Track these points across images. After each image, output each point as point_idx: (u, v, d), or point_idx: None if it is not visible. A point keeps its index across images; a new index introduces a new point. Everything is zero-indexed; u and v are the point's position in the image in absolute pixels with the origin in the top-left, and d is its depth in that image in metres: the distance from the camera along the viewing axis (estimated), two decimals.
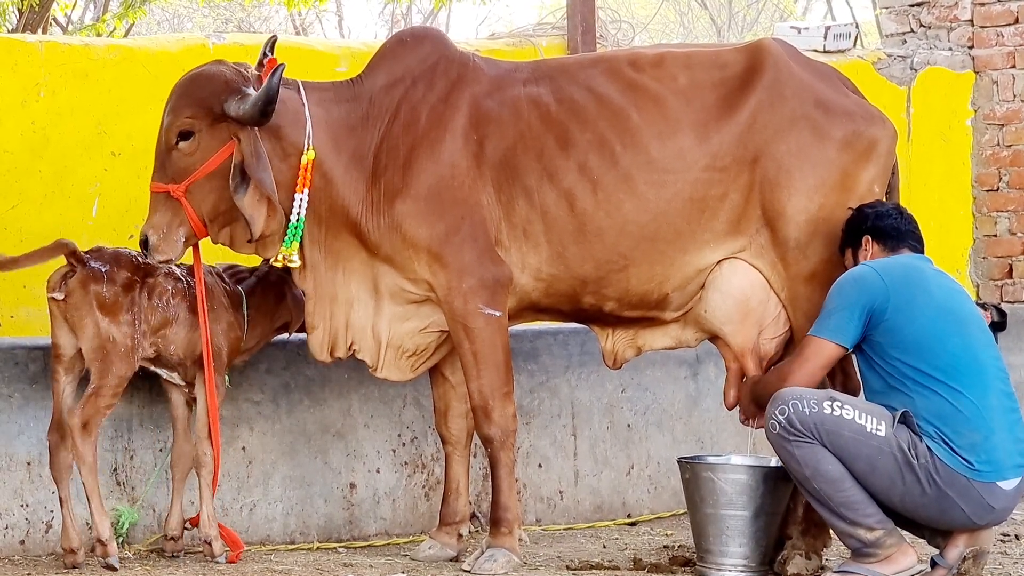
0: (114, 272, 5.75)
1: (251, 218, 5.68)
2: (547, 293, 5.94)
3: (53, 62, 6.71)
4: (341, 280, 5.90)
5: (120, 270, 5.77)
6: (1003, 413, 5.43)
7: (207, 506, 5.93)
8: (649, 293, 5.93)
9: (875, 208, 5.75)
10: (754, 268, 5.92)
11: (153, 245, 5.75)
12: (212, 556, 5.91)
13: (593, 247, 5.86)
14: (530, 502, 6.94)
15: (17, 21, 14.40)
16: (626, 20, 10.23)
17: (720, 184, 5.86)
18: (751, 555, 5.79)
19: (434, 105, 5.87)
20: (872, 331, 5.48)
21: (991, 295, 8.75)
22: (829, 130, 5.89)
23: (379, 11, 26.93)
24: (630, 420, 7.19)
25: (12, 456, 6.03)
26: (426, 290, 5.86)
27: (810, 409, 5.39)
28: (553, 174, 5.84)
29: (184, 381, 5.98)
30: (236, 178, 5.65)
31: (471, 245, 5.79)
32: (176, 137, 5.73)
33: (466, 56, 6.02)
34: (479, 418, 5.88)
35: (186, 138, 5.73)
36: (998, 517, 5.47)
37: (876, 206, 5.77)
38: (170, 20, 24.65)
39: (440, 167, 5.81)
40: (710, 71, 5.95)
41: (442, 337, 5.98)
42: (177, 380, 5.98)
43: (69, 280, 5.72)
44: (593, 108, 5.88)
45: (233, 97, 5.65)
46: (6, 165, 6.62)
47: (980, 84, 8.81)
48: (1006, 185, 8.78)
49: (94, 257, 5.77)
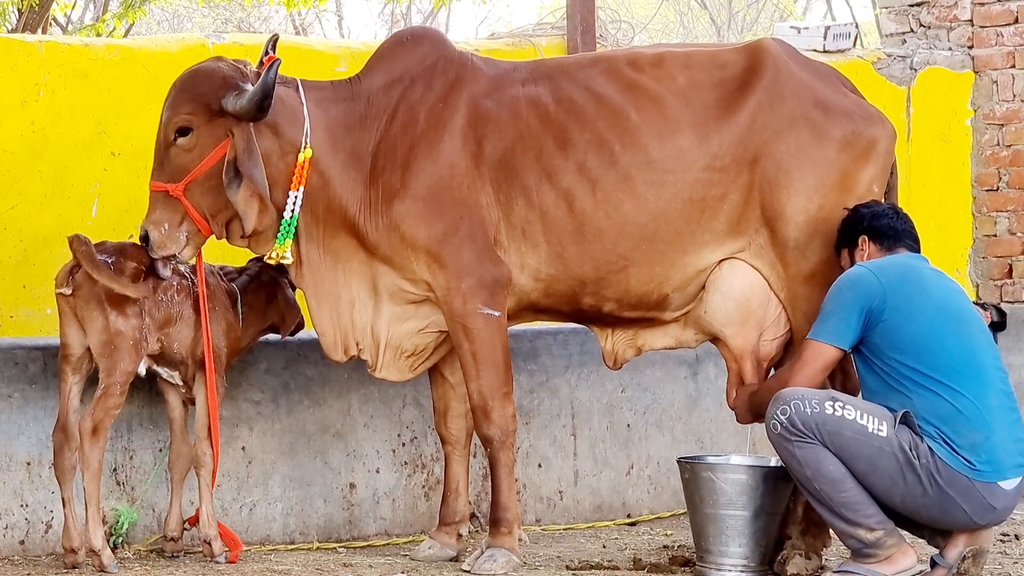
0: (121, 264, 5.75)
1: (243, 214, 5.67)
2: (546, 293, 5.94)
3: (53, 62, 6.71)
4: (342, 279, 5.90)
5: (127, 261, 5.77)
6: (1003, 413, 5.43)
7: (206, 506, 5.93)
8: (648, 294, 5.93)
9: (871, 208, 5.75)
10: (754, 269, 5.92)
11: (154, 241, 5.75)
12: (212, 556, 5.91)
13: (592, 247, 5.86)
14: (530, 502, 6.94)
15: (17, 21, 14.41)
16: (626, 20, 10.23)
17: (720, 184, 5.86)
18: (751, 555, 5.79)
19: (432, 105, 5.86)
20: (870, 332, 5.47)
21: (991, 295, 8.74)
22: (828, 130, 5.89)
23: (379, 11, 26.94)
24: (630, 420, 7.19)
25: (12, 456, 6.03)
26: (425, 290, 5.85)
27: (811, 409, 5.39)
28: (552, 174, 5.84)
29: (183, 381, 5.98)
30: (229, 173, 5.65)
31: (470, 245, 5.79)
32: (174, 133, 5.73)
33: (465, 56, 6.02)
34: (478, 418, 5.88)
35: (184, 134, 5.73)
36: (999, 517, 5.47)
37: (872, 206, 5.77)
38: (170, 20, 24.65)
39: (439, 167, 5.81)
40: (709, 71, 5.95)
41: (441, 337, 5.98)
42: (177, 380, 5.98)
43: (76, 275, 5.72)
44: (592, 108, 5.88)
45: (231, 93, 5.65)
46: (6, 165, 6.62)
47: (980, 84, 8.81)
48: (1006, 185, 8.78)
49: (99, 251, 5.77)
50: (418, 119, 5.85)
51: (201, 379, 5.92)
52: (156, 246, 5.75)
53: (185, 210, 5.73)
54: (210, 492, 5.94)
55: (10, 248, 6.58)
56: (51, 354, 5.95)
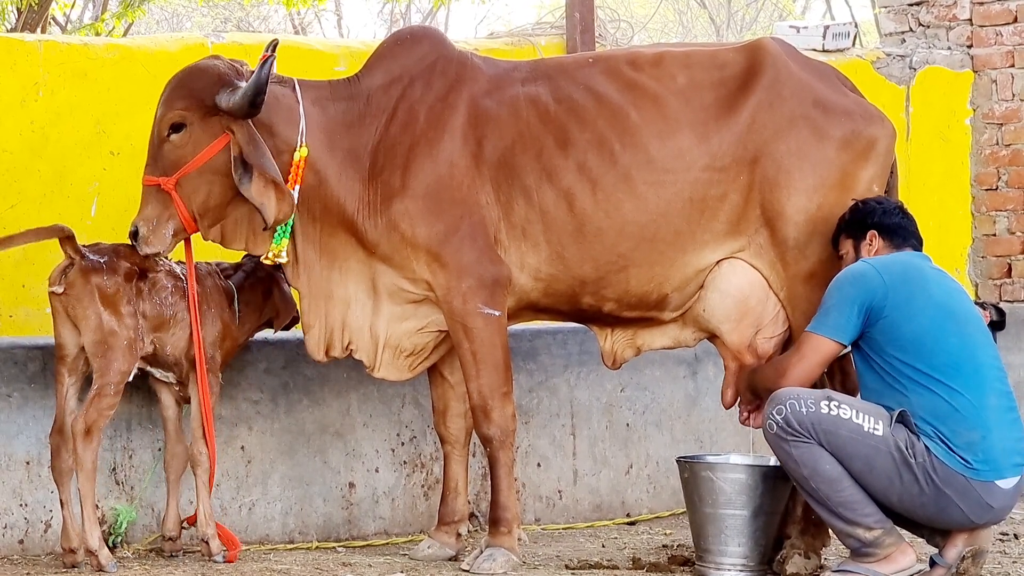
0: (114, 263, 5.75)
1: (262, 206, 5.65)
2: (546, 293, 5.94)
3: (52, 61, 6.71)
4: (338, 279, 5.89)
5: (120, 261, 5.76)
6: (1001, 412, 5.43)
7: (204, 505, 5.93)
8: (648, 294, 5.93)
9: (882, 204, 5.74)
10: (753, 268, 5.92)
11: (142, 237, 5.75)
12: (210, 555, 5.91)
13: (592, 247, 5.85)
14: (529, 501, 6.94)
15: (16, 20, 14.40)
16: (625, 19, 10.22)
17: (719, 184, 5.86)
18: (750, 554, 5.79)
19: (432, 105, 5.86)
20: (870, 328, 5.47)
21: (990, 294, 8.74)
22: (828, 130, 5.89)
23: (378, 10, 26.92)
24: (629, 419, 7.19)
25: (11, 456, 6.03)
26: (425, 289, 5.85)
27: (807, 409, 5.39)
28: (552, 173, 5.83)
29: (178, 380, 5.97)
30: (239, 170, 5.65)
31: (470, 245, 5.79)
32: (168, 129, 5.74)
33: (464, 55, 6.01)
34: (478, 418, 5.87)
35: (178, 130, 5.74)
36: (997, 516, 5.47)
37: (883, 202, 5.75)
38: (169, 19, 24.65)
39: (439, 166, 5.81)
40: (709, 71, 5.95)
41: (440, 337, 5.97)
42: (171, 379, 5.97)
43: (69, 272, 5.72)
44: (592, 107, 5.88)
45: (225, 90, 5.66)
46: (5, 164, 6.61)
47: (979, 83, 8.81)
48: (1005, 184, 8.78)
49: (93, 251, 5.77)
50: (418, 118, 5.85)
51: (195, 378, 5.91)
52: (143, 242, 5.75)
53: (175, 205, 5.73)
54: (207, 491, 5.94)
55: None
56: (50, 354, 5.94)
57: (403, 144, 5.83)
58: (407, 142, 5.83)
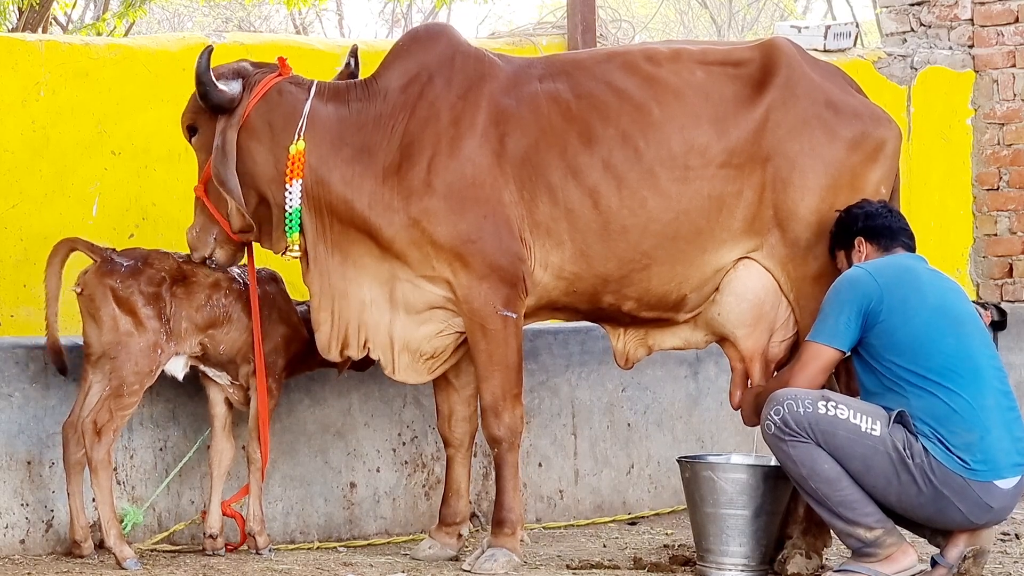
0: (138, 267, 5.79)
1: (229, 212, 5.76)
2: (567, 292, 5.90)
3: (53, 61, 6.70)
4: (352, 276, 5.85)
5: (146, 267, 5.80)
6: (1000, 412, 5.43)
7: (254, 503, 6.03)
8: (668, 293, 5.89)
9: (864, 208, 5.74)
10: (766, 270, 5.89)
11: (189, 244, 5.88)
12: (257, 550, 5.99)
13: (617, 245, 5.81)
14: (530, 501, 6.94)
15: (17, 20, 14.40)
16: (626, 19, 10.24)
17: (736, 181, 5.83)
18: (751, 554, 5.79)
19: (453, 102, 5.81)
20: (867, 333, 5.47)
21: (991, 294, 8.74)
22: (839, 130, 5.87)
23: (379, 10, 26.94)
24: (630, 419, 7.19)
25: (12, 455, 6.02)
26: (444, 288, 5.81)
27: (804, 409, 5.39)
28: (577, 171, 5.78)
29: (235, 381, 6.02)
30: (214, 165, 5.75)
31: (493, 245, 5.76)
32: (187, 132, 5.88)
33: (481, 52, 5.96)
34: (489, 419, 5.85)
35: (193, 133, 5.87)
36: (997, 516, 5.47)
37: (864, 206, 5.75)
38: (170, 19, 24.66)
39: (461, 165, 5.76)
40: (725, 67, 5.93)
41: (460, 339, 5.92)
42: (224, 379, 6.00)
43: (86, 274, 5.81)
44: (614, 103, 5.83)
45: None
46: (6, 164, 6.61)
47: (980, 83, 8.81)
48: (1006, 184, 8.78)
49: (121, 254, 5.86)
50: (439, 116, 5.79)
51: (253, 381, 5.97)
52: (191, 248, 5.87)
53: (208, 210, 5.79)
54: (259, 489, 6.04)
55: (11, 247, 6.58)
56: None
57: (424, 142, 5.78)
58: (428, 140, 5.78)
